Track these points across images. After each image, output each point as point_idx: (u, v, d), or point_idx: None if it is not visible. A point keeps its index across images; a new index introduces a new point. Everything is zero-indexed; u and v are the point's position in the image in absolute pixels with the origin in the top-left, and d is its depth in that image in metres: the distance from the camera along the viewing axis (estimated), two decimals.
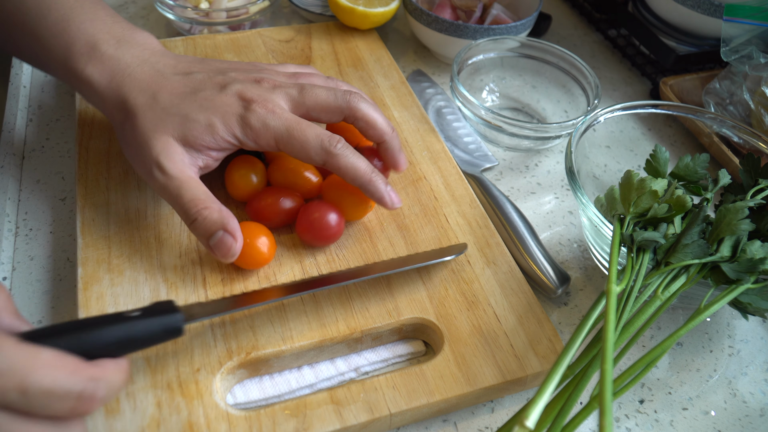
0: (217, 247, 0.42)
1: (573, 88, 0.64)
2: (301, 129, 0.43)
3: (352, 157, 0.44)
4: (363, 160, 0.44)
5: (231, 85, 0.44)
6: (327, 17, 0.72)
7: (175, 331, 0.37)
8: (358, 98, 0.46)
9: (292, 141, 0.43)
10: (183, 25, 0.67)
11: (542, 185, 0.59)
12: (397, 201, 0.45)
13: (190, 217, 0.42)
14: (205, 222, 0.42)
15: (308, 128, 0.43)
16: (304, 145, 0.43)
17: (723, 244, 0.42)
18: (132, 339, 0.36)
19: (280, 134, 0.43)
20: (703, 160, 0.48)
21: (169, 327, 0.37)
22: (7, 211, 0.50)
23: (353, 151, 0.44)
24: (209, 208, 0.42)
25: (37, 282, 0.46)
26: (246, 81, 0.45)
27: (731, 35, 0.62)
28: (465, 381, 0.41)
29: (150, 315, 0.36)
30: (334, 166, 0.43)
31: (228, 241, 0.42)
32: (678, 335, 0.39)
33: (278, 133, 0.43)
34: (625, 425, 0.43)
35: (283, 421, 0.38)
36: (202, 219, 0.42)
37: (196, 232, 0.42)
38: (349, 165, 0.43)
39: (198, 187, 0.43)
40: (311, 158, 0.44)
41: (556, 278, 0.48)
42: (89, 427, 0.36)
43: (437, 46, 0.68)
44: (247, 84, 0.45)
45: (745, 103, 0.61)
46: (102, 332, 0.35)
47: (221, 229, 0.41)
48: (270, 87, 0.45)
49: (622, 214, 0.44)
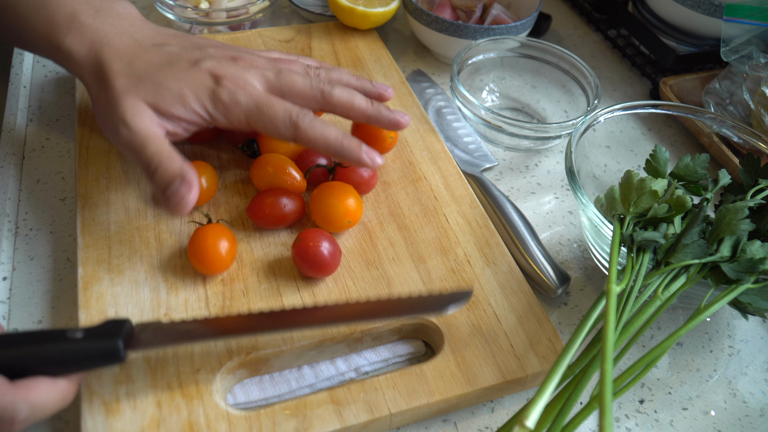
0: (172, 196, 0.41)
1: (573, 88, 0.64)
2: (270, 104, 0.43)
3: (320, 128, 0.44)
4: (333, 128, 0.44)
5: (205, 60, 0.45)
6: (327, 17, 0.72)
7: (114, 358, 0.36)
8: (331, 87, 0.46)
9: (262, 116, 0.43)
10: (183, 25, 0.67)
11: (542, 185, 0.59)
12: (378, 158, 0.45)
13: (151, 168, 0.41)
14: (165, 172, 0.41)
15: (277, 103, 0.44)
16: (272, 120, 0.43)
17: (723, 244, 0.42)
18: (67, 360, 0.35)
19: (250, 110, 0.43)
20: (703, 160, 0.48)
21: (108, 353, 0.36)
22: (7, 211, 0.50)
23: (322, 122, 0.44)
24: (171, 158, 0.41)
25: (37, 282, 0.46)
26: (222, 58, 0.46)
27: (731, 35, 0.62)
28: (465, 381, 0.41)
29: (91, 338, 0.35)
30: (304, 138, 0.44)
31: (182, 189, 0.41)
32: (678, 335, 0.39)
33: (248, 108, 0.43)
34: (625, 425, 0.43)
35: (283, 421, 0.38)
36: (162, 169, 0.41)
37: (154, 182, 0.41)
38: (318, 135, 0.44)
39: (163, 142, 0.42)
40: (281, 133, 0.44)
41: (556, 278, 0.48)
42: (89, 427, 0.36)
43: (437, 46, 0.68)
44: (222, 61, 0.45)
45: (745, 103, 0.61)
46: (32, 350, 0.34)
47: (179, 178, 0.41)
48: (246, 66, 0.46)
49: (622, 214, 0.44)
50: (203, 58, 0.45)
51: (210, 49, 0.47)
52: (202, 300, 0.43)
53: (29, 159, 0.54)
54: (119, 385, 0.38)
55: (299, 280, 0.45)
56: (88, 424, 0.37)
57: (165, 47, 0.46)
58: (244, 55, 0.47)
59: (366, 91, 0.50)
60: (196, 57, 0.45)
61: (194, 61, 0.45)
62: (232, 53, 0.47)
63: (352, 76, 0.50)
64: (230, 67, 0.45)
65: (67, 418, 0.40)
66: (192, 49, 0.46)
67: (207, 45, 0.47)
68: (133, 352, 0.37)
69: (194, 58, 0.45)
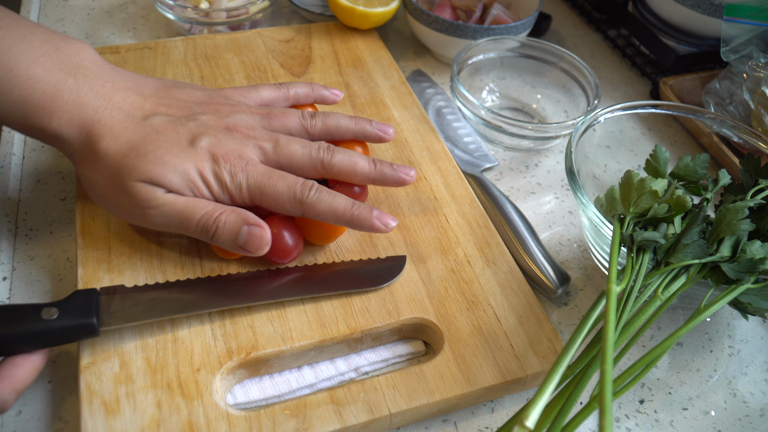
0: (248, 242, 0.41)
1: (573, 88, 0.64)
2: (272, 183, 0.42)
3: (327, 201, 0.42)
4: (340, 197, 0.43)
5: (202, 138, 0.43)
6: (327, 17, 0.72)
7: (89, 334, 0.38)
8: (331, 154, 0.45)
9: (265, 197, 0.42)
10: (183, 25, 0.67)
11: (542, 185, 0.59)
12: (392, 222, 0.44)
13: (209, 231, 0.41)
14: (226, 226, 0.41)
15: (279, 180, 0.42)
16: (276, 199, 0.42)
17: (723, 244, 0.42)
18: (42, 339, 0.37)
19: (253, 192, 0.42)
20: (703, 160, 0.48)
21: (84, 329, 0.38)
22: (7, 211, 0.50)
23: (329, 193, 0.43)
24: (224, 212, 0.41)
25: (37, 282, 0.46)
26: (217, 130, 0.44)
27: (731, 35, 0.62)
28: (465, 381, 0.41)
29: (66, 316, 0.37)
30: (312, 214, 0.42)
31: (256, 231, 0.41)
32: (678, 335, 0.39)
33: (251, 191, 0.42)
34: (625, 425, 0.43)
35: (283, 421, 0.38)
36: (222, 224, 0.41)
37: (221, 240, 0.41)
38: (326, 209, 0.42)
39: (201, 202, 0.42)
40: (286, 210, 0.43)
41: (556, 278, 0.48)
42: (89, 427, 0.36)
43: (437, 46, 0.68)
44: (219, 135, 0.43)
45: (745, 103, 0.61)
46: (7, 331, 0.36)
47: (244, 224, 0.41)
48: (242, 138, 0.44)
49: (622, 214, 0.44)
50: (199, 135, 0.43)
51: (202, 117, 0.44)
52: None
53: (29, 159, 0.54)
54: (119, 385, 0.38)
55: None
56: (88, 424, 0.37)
57: (156, 119, 0.43)
58: (238, 122, 0.45)
59: (366, 135, 0.48)
60: (193, 132, 0.43)
61: (191, 138, 0.43)
62: (226, 122, 0.44)
63: (349, 118, 0.48)
64: (228, 142, 0.43)
65: (67, 418, 0.40)
66: (184, 119, 0.44)
67: (195, 107, 0.45)
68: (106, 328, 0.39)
69: (191, 135, 0.43)
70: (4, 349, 0.36)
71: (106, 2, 0.73)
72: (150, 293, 0.41)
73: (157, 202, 0.41)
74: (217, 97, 0.47)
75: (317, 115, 0.48)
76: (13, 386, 0.36)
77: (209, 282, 0.43)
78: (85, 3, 0.73)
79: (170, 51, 0.62)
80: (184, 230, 0.42)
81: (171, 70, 0.60)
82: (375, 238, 0.48)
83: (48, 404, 0.40)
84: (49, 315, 0.37)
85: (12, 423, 0.39)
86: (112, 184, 0.41)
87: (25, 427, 0.39)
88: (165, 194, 0.41)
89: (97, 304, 0.39)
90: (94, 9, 0.72)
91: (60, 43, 0.44)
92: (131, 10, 0.73)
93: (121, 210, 0.42)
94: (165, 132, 0.43)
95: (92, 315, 0.38)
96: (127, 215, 0.42)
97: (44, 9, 0.71)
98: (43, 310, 0.37)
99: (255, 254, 0.41)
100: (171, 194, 0.41)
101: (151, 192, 0.41)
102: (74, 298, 0.38)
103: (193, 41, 0.64)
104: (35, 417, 0.40)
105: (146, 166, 0.41)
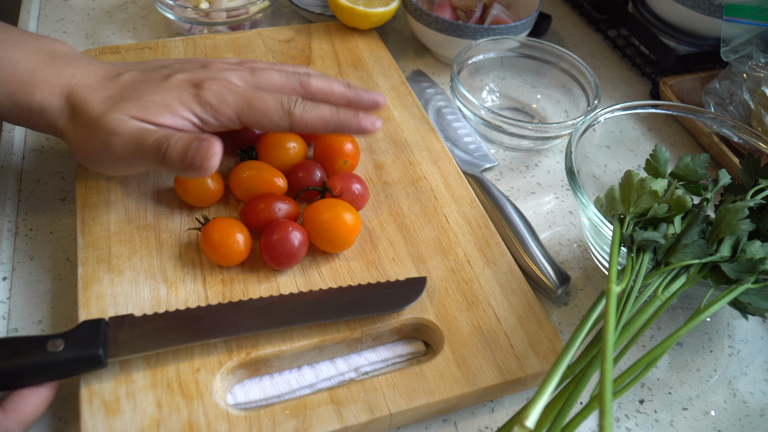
0: (195, 156, 0.39)
1: (573, 88, 0.64)
2: (259, 96, 0.43)
3: (314, 109, 0.44)
4: (324, 106, 0.44)
5: (177, 74, 0.44)
6: (327, 17, 0.72)
7: (96, 365, 0.37)
8: (307, 77, 0.47)
9: (253, 110, 0.43)
10: (183, 25, 0.67)
11: (542, 185, 0.59)
12: (378, 121, 0.45)
13: (161, 149, 0.40)
14: (177, 143, 0.40)
15: (266, 95, 0.44)
16: (265, 111, 0.43)
17: (723, 244, 0.42)
18: (48, 371, 0.36)
19: (240, 106, 0.43)
20: (703, 160, 0.48)
21: (90, 361, 0.37)
22: (7, 211, 0.50)
23: (313, 104, 0.44)
24: (179, 134, 0.41)
25: (37, 282, 0.46)
26: (192, 68, 0.46)
27: (731, 35, 0.62)
28: (465, 381, 0.41)
29: (72, 347, 0.37)
30: (300, 123, 0.44)
31: (204, 143, 0.40)
32: (678, 335, 0.39)
33: (237, 105, 0.43)
34: (625, 425, 0.43)
35: (283, 421, 0.38)
36: (173, 143, 0.40)
37: (170, 161, 0.40)
38: (315, 117, 0.44)
39: (163, 129, 0.41)
40: (275, 123, 0.43)
41: (556, 278, 0.48)
42: (89, 427, 0.36)
43: (437, 46, 0.68)
44: (195, 70, 0.45)
45: (745, 103, 0.61)
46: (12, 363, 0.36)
47: (195, 140, 0.40)
48: (219, 69, 0.46)
49: (622, 214, 0.44)
50: (174, 72, 0.45)
51: (176, 64, 0.47)
52: (202, 300, 0.43)
53: (29, 159, 0.54)
54: (119, 385, 0.38)
55: (299, 281, 0.45)
56: (88, 424, 0.37)
57: (132, 72, 0.45)
58: (211, 61, 0.47)
59: (360, 103, 0.48)
60: (167, 73, 0.45)
61: (166, 76, 0.44)
62: (199, 62, 0.47)
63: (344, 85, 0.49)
64: (204, 72, 0.45)
65: (67, 418, 0.40)
66: (159, 68, 0.46)
67: (172, 62, 0.47)
68: (114, 359, 0.38)
69: (165, 74, 0.44)
70: (10, 383, 0.36)
71: (106, 2, 0.73)
72: (158, 322, 0.40)
73: (120, 128, 0.41)
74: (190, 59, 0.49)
75: (308, 73, 0.49)
76: (20, 419, 0.35)
77: (220, 309, 0.41)
78: (85, 3, 0.73)
79: (170, 51, 0.62)
80: (141, 154, 0.41)
81: None
82: (375, 237, 0.48)
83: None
84: (54, 347, 0.36)
85: None
86: (89, 129, 0.42)
87: None
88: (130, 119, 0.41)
89: (104, 334, 0.38)
90: (94, 9, 0.72)
91: (37, 36, 0.47)
92: (131, 10, 0.73)
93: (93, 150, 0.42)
94: (140, 78, 0.44)
95: (98, 346, 0.37)
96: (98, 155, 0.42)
97: (44, 9, 0.71)
98: (49, 342, 0.36)
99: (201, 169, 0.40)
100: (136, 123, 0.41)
101: (118, 120, 0.41)
102: (81, 329, 0.38)
103: (193, 41, 0.64)
104: None
105: (123, 104, 0.42)
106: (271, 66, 0.49)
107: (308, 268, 0.46)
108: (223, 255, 0.44)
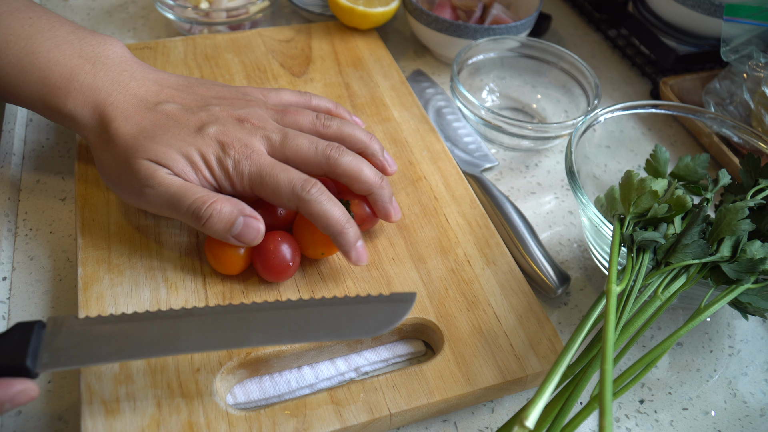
0: (244, 233, 0.41)
1: (573, 88, 0.64)
2: (274, 173, 0.42)
3: (325, 204, 0.42)
4: (338, 207, 0.42)
5: (211, 125, 0.43)
6: (327, 17, 0.72)
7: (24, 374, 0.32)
8: (339, 153, 0.44)
9: (264, 187, 0.42)
10: (183, 25, 0.67)
11: (542, 185, 0.59)
12: (364, 260, 0.43)
13: (202, 218, 0.41)
14: (221, 214, 0.41)
15: (282, 172, 0.42)
16: (275, 190, 0.42)
17: (723, 244, 0.42)
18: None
19: (254, 180, 0.42)
20: (703, 160, 0.48)
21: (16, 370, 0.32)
22: (7, 211, 0.50)
23: (329, 197, 0.42)
24: (219, 200, 0.41)
25: (37, 282, 0.46)
26: (227, 120, 0.44)
27: (731, 35, 0.62)
28: (465, 381, 0.41)
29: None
30: (306, 211, 0.42)
31: (253, 223, 0.41)
32: (678, 335, 0.39)
33: (251, 178, 0.42)
34: (625, 425, 0.43)
35: (283, 421, 0.38)
36: (217, 212, 0.41)
37: (213, 229, 0.41)
38: (321, 212, 0.41)
39: (196, 187, 0.42)
40: (284, 203, 0.42)
41: (556, 278, 0.48)
42: (89, 427, 0.36)
43: (437, 46, 0.68)
44: (228, 125, 0.44)
45: (745, 103, 0.61)
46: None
47: (240, 215, 0.41)
48: (252, 129, 0.44)
49: (622, 214, 0.44)
50: (209, 123, 0.43)
51: (215, 108, 0.45)
52: (202, 300, 0.43)
53: (29, 159, 0.54)
54: (119, 385, 0.38)
55: (299, 281, 0.45)
56: (88, 424, 0.37)
57: (169, 105, 0.44)
58: (251, 114, 0.45)
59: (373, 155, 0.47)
60: (203, 120, 0.44)
61: (200, 125, 0.43)
62: (238, 113, 0.45)
63: (365, 133, 0.48)
64: (236, 131, 0.43)
65: (67, 418, 0.40)
66: (197, 108, 0.45)
67: (211, 99, 0.46)
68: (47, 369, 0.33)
69: (200, 122, 0.44)
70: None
71: (106, 2, 0.73)
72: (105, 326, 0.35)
73: (155, 181, 0.41)
74: (236, 93, 0.48)
75: (333, 118, 0.48)
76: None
77: (185, 315, 0.36)
78: (85, 3, 0.73)
79: (170, 51, 0.62)
80: (175, 212, 0.42)
81: (171, 70, 0.60)
82: (375, 237, 0.48)
83: (48, 404, 0.40)
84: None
85: (12, 423, 0.39)
86: (119, 163, 0.43)
87: (25, 427, 0.39)
88: (166, 174, 0.42)
89: (38, 339, 0.34)
90: (94, 9, 0.72)
91: (86, 36, 0.47)
92: (131, 10, 0.73)
93: (123, 188, 0.43)
94: (175, 118, 0.44)
95: (25, 356, 0.32)
96: (128, 194, 0.43)
97: None
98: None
99: (248, 245, 0.42)
100: (172, 176, 0.42)
101: (152, 169, 0.41)
102: (12, 333, 0.33)
103: (193, 41, 0.64)
104: (35, 417, 0.40)
105: (153, 146, 0.42)
106: (312, 120, 0.47)
107: (308, 268, 0.46)
108: (226, 264, 0.43)
